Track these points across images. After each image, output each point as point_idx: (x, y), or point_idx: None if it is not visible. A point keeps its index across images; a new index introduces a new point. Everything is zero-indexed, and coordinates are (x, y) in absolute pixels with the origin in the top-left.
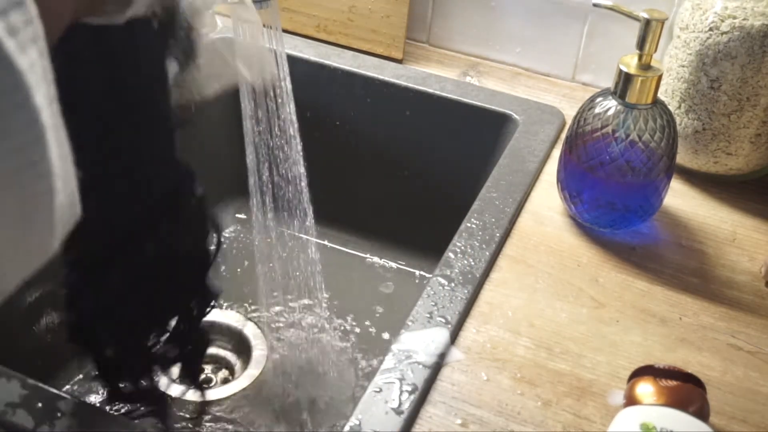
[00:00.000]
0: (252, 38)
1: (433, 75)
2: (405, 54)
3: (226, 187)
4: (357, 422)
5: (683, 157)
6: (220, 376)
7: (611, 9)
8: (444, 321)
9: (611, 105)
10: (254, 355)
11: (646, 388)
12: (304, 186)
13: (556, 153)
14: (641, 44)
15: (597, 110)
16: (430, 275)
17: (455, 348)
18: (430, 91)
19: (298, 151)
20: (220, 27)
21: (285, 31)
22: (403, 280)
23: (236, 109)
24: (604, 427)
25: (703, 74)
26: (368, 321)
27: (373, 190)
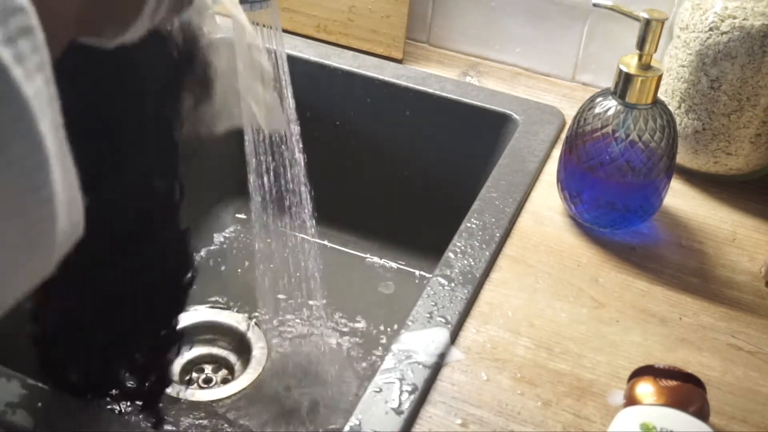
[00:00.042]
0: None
1: (433, 75)
2: (405, 54)
3: (226, 187)
4: (357, 422)
5: (683, 157)
6: (220, 376)
7: (611, 9)
8: (444, 321)
9: (611, 105)
10: (254, 355)
11: (646, 388)
12: (304, 186)
13: (556, 153)
14: (641, 44)
15: (597, 110)
16: (430, 275)
17: (455, 348)
18: (430, 91)
19: (299, 151)
20: (220, 26)
21: (285, 31)
22: (403, 280)
23: None
24: (604, 427)
25: (703, 74)
26: (368, 321)
27: (373, 190)
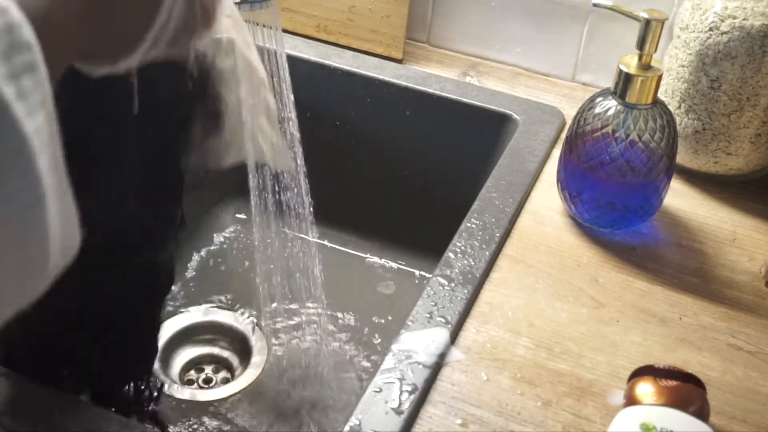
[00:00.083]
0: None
1: (433, 75)
2: (405, 54)
3: (226, 187)
4: (357, 422)
5: (683, 157)
6: (220, 376)
7: (611, 9)
8: (444, 321)
9: (611, 105)
10: (254, 355)
11: (646, 388)
12: (304, 186)
13: (556, 153)
14: (641, 44)
15: (597, 110)
16: (430, 275)
17: (455, 348)
18: (430, 91)
19: (298, 151)
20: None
21: (285, 31)
22: (403, 280)
23: None
24: (604, 427)
25: (703, 74)
26: (368, 321)
27: (373, 190)
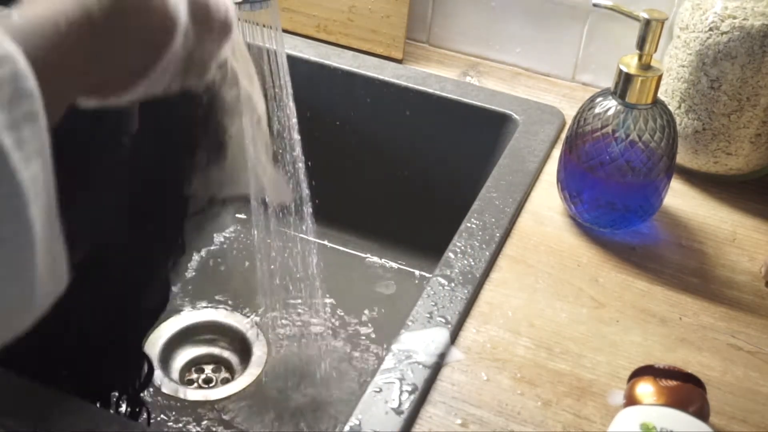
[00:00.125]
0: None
1: (433, 75)
2: (405, 54)
3: None
4: (357, 422)
5: (683, 157)
6: (220, 376)
7: (611, 9)
8: (444, 321)
9: (611, 105)
10: (254, 355)
11: (646, 388)
12: (304, 186)
13: (556, 153)
14: (641, 44)
15: (597, 110)
16: (430, 275)
17: (455, 348)
18: (430, 91)
19: (298, 150)
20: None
21: (285, 31)
22: (403, 280)
23: None
24: (604, 427)
25: (703, 74)
26: (368, 321)
27: (373, 190)
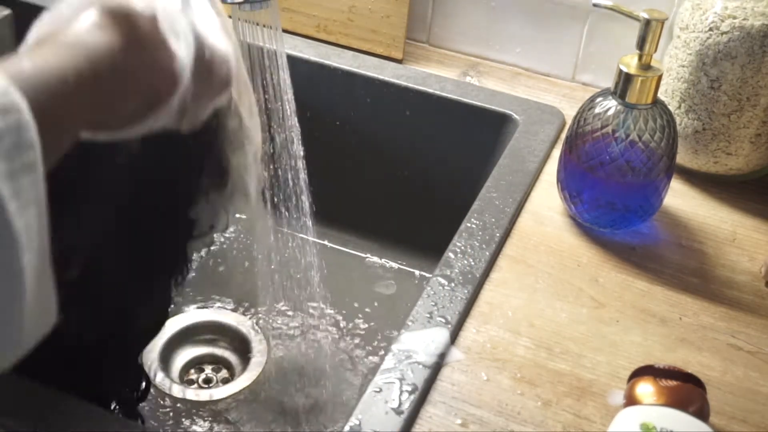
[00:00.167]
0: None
1: (433, 75)
2: (405, 54)
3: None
4: (357, 422)
5: (683, 157)
6: (220, 376)
7: (611, 9)
8: (444, 321)
9: (611, 105)
10: (254, 355)
11: (646, 388)
12: (304, 186)
13: (556, 153)
14: (641, 44)
15: (597, 110)
16: (430, 275)
17: (455, 348)
18: (430, 91)
19: (298, 150)
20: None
21: (285, 31)
22: (403, 280)
23: None
24: (604, 427)
25: (703, 74)
26: (368, 321)
27: (373, 190)
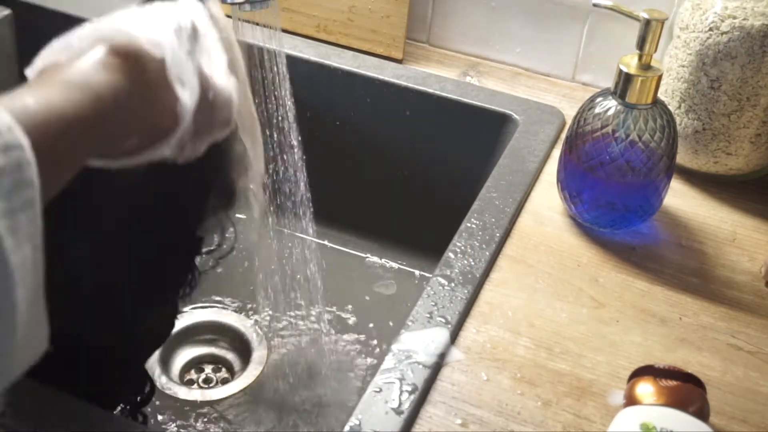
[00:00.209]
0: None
1: (433, 75)
2: (405, 54)
3: None
4: (357, 422)
5: (683, 157)
6: (220, 376)
7: (611, 9)
8: (444, 321)
9: (611, 105)
10: (254, 355)
11: (646, 388)
12: (304, 186)
13: (556, 153)
14: (641, 44)
15: (597, 110)
16: (430, 275)
17: (455, 348)
18: (430, 91)
19: (298, 151)
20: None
21: (285, 31)
22: (403, 280)
23: None
24: (604, 427)
25: (703, 74)
26: (368, 321)
27: (373, 190)
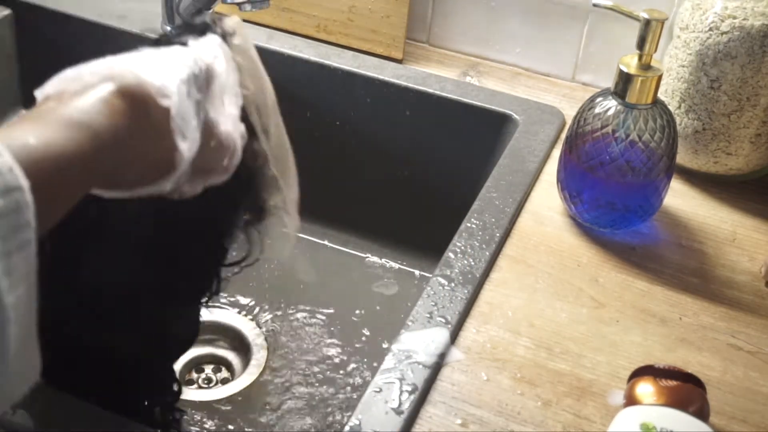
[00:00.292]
0: None
1: (433, 75)
2: (405, 54)
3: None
4: (357, 422)
5: (683, 157)
6: (220, 376)
7: (611, 9)
8: (444, 321)
9: (611, 105)
10: (254, 356)
11: (646, 388)
12: (303, 186)
13: (556, 153)
14: (641, 44)
15: (597, 110)
16: (430, 275)
17: (455, 348)
18: (430, 91)
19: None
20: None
21: (285, 31)
22: (403, 280)
23: None
24: (604, 427)
25: (703, 74)
26: (368, 321)
27: (373, 190)
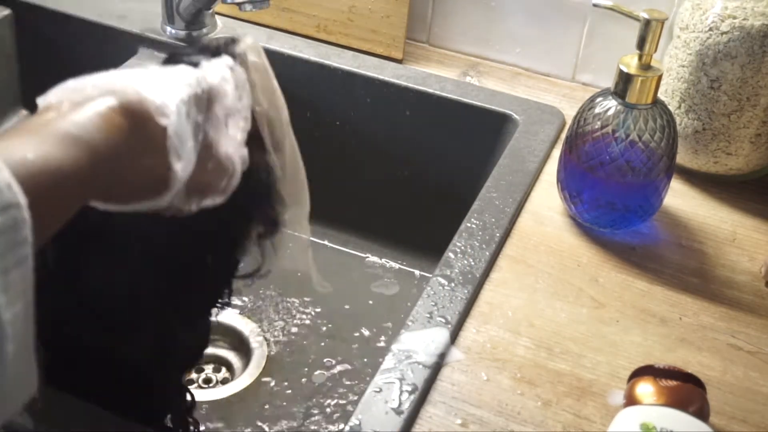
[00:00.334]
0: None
1: (433, 75)
2: (405, 54)
3: None
4: (357, 422)
5: (683, 157)
6: (220, 376)
7: (611, 9)
8: (444, 321)
9: (611, 105)
10: (254, 356)
11: (646, 388)
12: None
13: (556, 153)
14: (641, 44)
15: (597, 110)
16: (430, 275)
17: (455, 348)
18: (430, 91)
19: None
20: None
21: (285, 31)
22: (403, 280)
23: None
24: (604, 427)
25: (703, 74)
26: (368, 321)
27: (374, 190)
